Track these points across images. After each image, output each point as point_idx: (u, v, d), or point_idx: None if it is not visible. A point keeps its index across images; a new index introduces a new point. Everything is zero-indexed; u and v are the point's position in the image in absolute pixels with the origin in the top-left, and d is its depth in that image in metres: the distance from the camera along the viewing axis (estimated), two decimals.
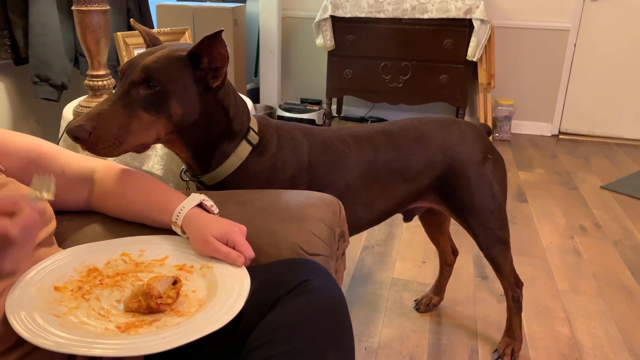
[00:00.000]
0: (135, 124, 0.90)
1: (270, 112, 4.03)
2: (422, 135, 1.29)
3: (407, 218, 1.48)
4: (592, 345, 1.60)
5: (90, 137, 0.85)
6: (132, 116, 0.89)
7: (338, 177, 1.17)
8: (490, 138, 1.43)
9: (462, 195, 1.32)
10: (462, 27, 3.38)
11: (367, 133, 1.25)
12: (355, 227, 1.25)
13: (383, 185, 1.24)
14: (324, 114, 3.91)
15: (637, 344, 1.61)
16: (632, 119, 3.77)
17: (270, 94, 4.15)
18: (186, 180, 1.12)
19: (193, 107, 0.96)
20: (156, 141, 0.97)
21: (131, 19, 1.13)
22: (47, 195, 0.68)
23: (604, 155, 3.47)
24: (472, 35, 3.36)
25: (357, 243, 2.21)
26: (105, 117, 0.87)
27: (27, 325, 0.64)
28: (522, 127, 3.94)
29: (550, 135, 3.91)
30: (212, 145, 1.04)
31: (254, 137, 1.08)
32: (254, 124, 1.10)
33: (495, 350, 1.54)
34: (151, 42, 1.07)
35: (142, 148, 0.95)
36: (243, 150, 1.06)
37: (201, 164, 1.06)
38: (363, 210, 1.23)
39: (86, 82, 1.54)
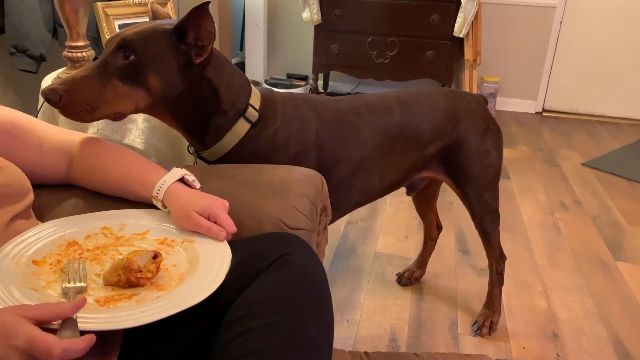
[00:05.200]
0: (110, 92, 0.90)
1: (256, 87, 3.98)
2: (434, 104, 1.30)
3: (411, 190, 1.50)
4: (568, 317, 1.65)
5: (61, 100, 0.86)
6: (107, 85, 0.90)
7: (352, 150, 1.17)
8: None
9: (464, 164, 1.34)
10: (449, 3, 3.35)
11: (383, 101, 1.24)
12: (369, 197, 1.27)
13: (397, 154, 1.25)
14: (310, 89, 3.88)
15: (612, 317, 1.66)
16: (614, 97, 3.81)
17: (256, 68, 4.10)
18: (194, 155, 1.11)
19: (174, 81, 0.95)
20: (136, 111, 0.96)
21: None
22: (83, 283, 0.69)
23: (586, 133, 3.51)
24: (459, 11, 3.33)
25: (341, 218, 2.22)
26: (79, 82, 0.88)
27: (4, 299, 0.63)
28: (507, 104, 3.95)
29: (534, 112, 3.94)
30: (203, 122, 1.03)
31: (253, 114, 1.06)
32: (255, 100, 1.07)
33: (475, 322, 1.57)
34: (156, 19, 1.05)
35: (118, 117, 0.94)
36: (241, 127, 1.05)
37: (197, 139, 1.06)
38: (377, 180, 1.24)
39: (65, 53, 1.51)
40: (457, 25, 3.36)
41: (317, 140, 1.12)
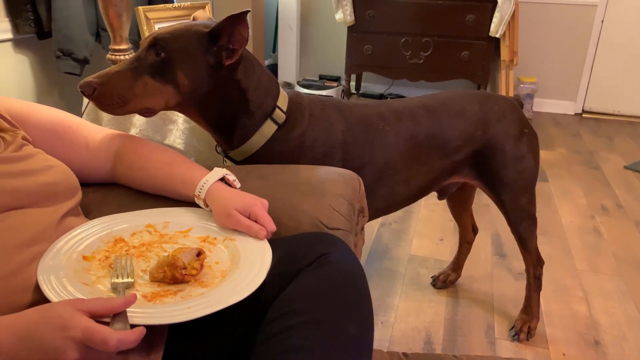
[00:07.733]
0: (140, 88, 0.94)
1: (288, 88, 4.01)
2: (463, 110, 1.28)
3: (442, 195, 1.48)
4: (609, 324, 1.60)
5: (94, 92, 0.91)
6: (138, 80, 0.94)
7: (377, 155, 1.17)
8: None
9: (498, 169, 1.32)
10: (485, 2, 3.30)
11: (409, 108, 1.23)
12: (393, 204, 1.26)
13: (423, 161, 1.24)
14: (343, 90, 3.89)
15: None
16: None
17: (289, 70, 4.13)
18: (221, 154, 1.14)
19: (202, 80, 0.98)
20: (166, 108, 1.00)
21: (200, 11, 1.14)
22: (130, 279, 0.72)
23: (628, 135, 3.40)
24: (496, 11, 3.28)
25: (375, 219, 2.21)
26: (112, 77, 0.93)
27: (59, 292, 0.66)
28: (545, 105, 3.86)
29: (573, 113, 3.83)
30: (231, 122, 1.05)
31: (280, 115, 1.08)
32: (283, 102, 1.09)
33: (512, 327, 1.54)
34: None
35: (148, 112, 0.98)
36: (268, 129, 1.07)
37: (224, 139, 1.08)
38: (402, 187, 1.23)
39: (108, 56, 1.55)
40: (493, 25, 3.31)
41: (343, 143, 1.13)
